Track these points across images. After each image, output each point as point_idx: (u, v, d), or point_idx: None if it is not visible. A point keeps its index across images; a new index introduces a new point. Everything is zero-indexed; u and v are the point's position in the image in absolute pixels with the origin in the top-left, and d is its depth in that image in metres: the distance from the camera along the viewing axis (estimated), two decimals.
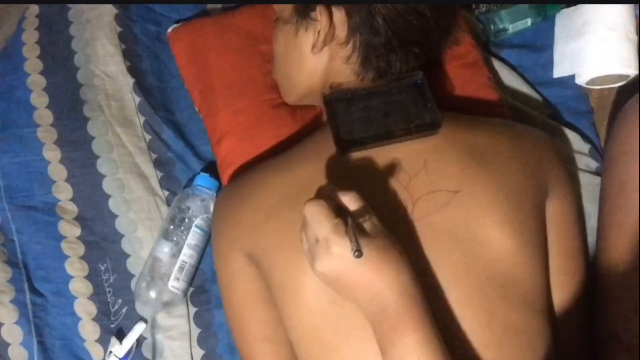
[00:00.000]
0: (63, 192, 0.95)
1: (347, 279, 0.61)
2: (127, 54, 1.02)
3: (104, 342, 0.89)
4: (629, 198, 0.80)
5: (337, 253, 0.59)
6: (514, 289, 0.70)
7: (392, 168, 0.72)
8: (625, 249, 0.79)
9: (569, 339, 0.78)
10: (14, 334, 0.88)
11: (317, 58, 0.80)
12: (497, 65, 1.03)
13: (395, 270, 0.62)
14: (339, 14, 0.76)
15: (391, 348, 0.61)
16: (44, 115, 0.98)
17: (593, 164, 0.96)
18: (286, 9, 0.81)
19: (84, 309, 0.90)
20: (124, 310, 0.90)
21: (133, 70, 1.01)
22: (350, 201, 0.63)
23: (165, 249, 0.89)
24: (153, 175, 0.96)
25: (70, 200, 0.94)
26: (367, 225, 0.62)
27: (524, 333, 0.69)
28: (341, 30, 0.76)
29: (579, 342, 0.80)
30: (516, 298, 0.70)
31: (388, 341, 0.62)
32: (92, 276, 0.91)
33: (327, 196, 0.63)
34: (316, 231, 0.61)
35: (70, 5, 1.05)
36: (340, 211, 0.62)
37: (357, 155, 0.74)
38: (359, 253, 0.58)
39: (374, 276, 0.61)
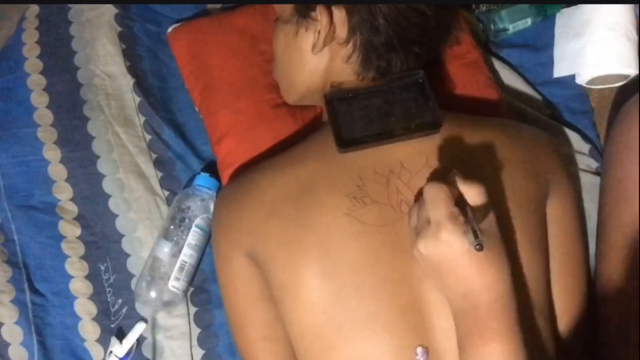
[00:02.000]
0: (63, 192, 0.95)
1: (447, 267, 0.61)
2: (127, 54, 1.02)
3: (104, 342, 0.88)
4: (628, 198, 0.80)
5: (445, 239, 0.59)
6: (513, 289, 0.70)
7: (393, 166, 0.72)
8: (624, 249, 0.79)
9: (569, 339, 0.78)
10: (14, 334, 0.88)
11: (317, 58, 0.80)
12: (497, 65, 1.03)
13: (497, 274, 0.61)
14: (339, 14, 0.76)
15: (472, 350, 0.61)
16: (44, 115, 0.98)
17: (593, 164, 0.96)
18: (286, 9, 0.81)
19: (84, 308, 0.90)
20: (124, 310, 0.90)
21: (133, 70, 1.01)
22: (473, 194, 0.62)
23: (165, 249, 0.89)
24: (153, 175, 0.96)
25: (71, 200, 0.94)
26: (484, 223, 0.62)
27: (524, 332, 0.69)
28: (341, 30, 0.76)
29: (580, 342, 0.80)
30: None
31: (470, 342, 0.61)
32: (92, 276, 0.91)
33: (451, 182, 0.63)
34: (430, 212, 0.60)
35: (70, 5, 1.05)
36: (459, 201, 0.62)
37: (358, 154, 0.74)
38: (480, 247, 0.57)
39: (476, 273, 0.60)
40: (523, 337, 0.61)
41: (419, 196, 0.70)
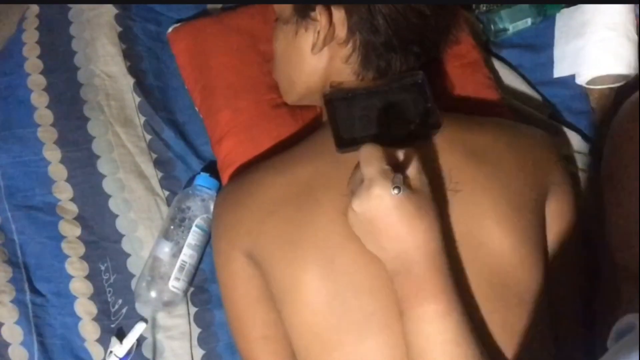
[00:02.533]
0: (63, 192, 0.95)
1: (379, 224, 0.62)
2: (127, 54, 1.02)
3: (104, 342, 0.88)
4: (628, 199, 0.80)
5: (376, 194, 0.60)
6: (513, 288, 0.70)
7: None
8: (623, 248, 0.79)
9: (568, 337, 0.78)
10: (14, 334, 0.88)
11: (317, 58, 0.80)
12: (497, 65, 1.03)
13: (428, 233, 0.62)
14: (338, 14, 0.76)
15: (410, 312, 0.62)
16: (44, 115, 0.98)
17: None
18: (286, 9, 0.81)
19: (84, 308, 0.90)
20: (124, 310, 0.90)
21: (133, 70, 1.01)
22: (409, 157, 0.64)
23: (165, 249, 0.89)
24: (153, 175, 0.96)
25: (71, 200, 0.94)
26: (416, 182, 0.63)
27: (523, 332, 0.69)
28: (341, 30, 0.76)
29: (579, 342, 0.80)
30: (514, 297, 0.70)
31: (407, 305, 0.62)
32: (93, 276, 0.91)
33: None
34: (364, 170, 0.62)
35: (70, 5, 1.05)
36: (395, 163, 0.63)
37: (357, 154, 0.74)
38: (397, 190, 0.59)
39: (405, 230, 0.61)
40: (458, 298, 0.62)
41: None
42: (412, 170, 0.64)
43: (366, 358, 0.68)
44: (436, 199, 0.66)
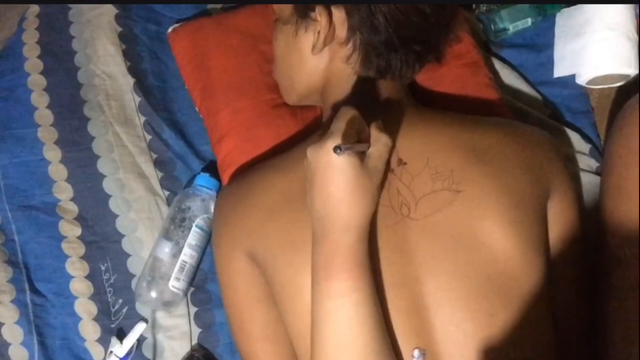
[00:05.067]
0: (63, 192, 0.95)
1: (317, 178, 0.64)
2: (127, 54, 1.02)
3: (104, 342, 0.89)
4: (628, 199, 0.80)
5: (327, 147, 0.62)
6: (514, 290, 0.70)
7: (394, 167, 0.72)
8: (624, 249, 0.79)
9: (570, 339, 0.78)
10: (14, 334, 0.88)
11: (317, 58, 0.80)
12: (498, 65, 1.02)
13: (354, 209, 0.63)
14: (338, 14, 0.76)
15: (317, 284, 0.64)
16: (44, 115, 0.98)
17: (594, 164, 0.96)
18: (286, 10, 0.81)
19: (85, 308, 0.90)
20: (124, 310, 0.90)
21: (133, 70, 1.01)
22: (380, 140, 0.66)
23: (165, 249, 0.89)
24: (153, 175, 0.96)
25: (71, 200, 0.94)
26: (371, 163, 0.65)
27: (525, 333, 0.69)
28: (341, 30, 0.76)
29: (580, 342, 0.80)
30: (517, 298, 0.69)
31: (316, 276, 0.64)
32: (93, 276, 0.91)
33: (366, 123, 0.66)
34: (332, 124, 0.64)
35: (70, 5, 1.05)
36: (365, 138, 0.66)
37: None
38: (339, 150, 0.60)
39: (336, 196, 0.63)
40: (367, 280, 0.63)
41: (418, 197, 0.71)
42: (376, 152, 0.66)
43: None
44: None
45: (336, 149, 0.60)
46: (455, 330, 0.67)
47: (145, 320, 0.89)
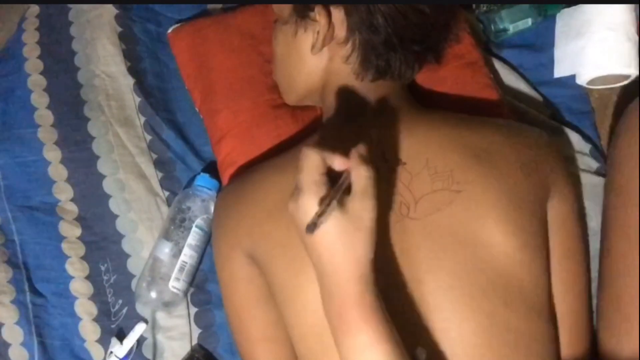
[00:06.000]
0: (63, 193, 0.95)
1: (304, 239, 0.60)
2: (127, 54, 1.02)
3: (104, 342, 0.89)
4: (631, 202, 0.80)
5: (302, 206, 0.58)
6: (514, 290, 0.70)
7: (394, 167, 0.72)
8: (627, 252, 0.79)
9: (571, 340, 0.78)
10: (14, 335, 0.88)
11: (316, 58, 0.80)
12: (498, 65, 1.02)
13: (349, 260, 0.58)
14: (338, 14, 0.76)
15: (338, 340, 0.59)
16: (44, 116, 0.98)
17: (594, 164, 0.96)
18: (285, 9, 0.81)
19: (85, 309, 0.90)
20: (124, 311, 0.90)
21: (133, 71, 1.01)
22: (360, 176, 0.59)
23: (165, 249, 0.89)
24: (153, 175, 0.96)
25: (71, 200, 0.95)
26: (354, 204, 0.59)
27: (525, 334, 0.69)
28: (340, 30, 0.76)
29: (581, 343, 0.80)
30: (517, 299, 0.69)
31: (335, 331, 0.60)
32: (93, 276, 0.91)
33: (334, 151, 0.60)
34: (298, 175, 0.59)
35: (70, 6, 1.05)
36: (336, 174, 0.59)
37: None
38: (311, 228, 0.55)
39: (327, 253, 0.58)
40: (386, 324, 0.59)
41: (418, 197, 0.70)
42: (358, 189, 0.59)
43: None
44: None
45: (309, 228, 0.55)
46: (455, 330, 0.67)
47: (145, 321, 0.89)
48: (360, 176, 0.60)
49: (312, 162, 0.59)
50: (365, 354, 0.58)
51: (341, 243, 0.58)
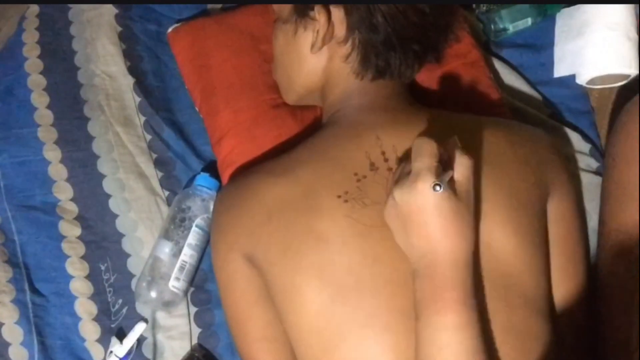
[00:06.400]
0: (63, 192, 0.95)
1: (414, 219, 0.62)
2: (127, 54, 1.02)
3: (104, 342, 0.88)
4: (629, 200, 0.80)
5: (420, 188, 0.60)
6: (515, 289, 0.70)
7: (393, 167, 0.72)
8: (626, 250, 0.79)
9: (570, 340, 0.78)
10: (14, 334, 0.88)
11: (316, 57, 0.80)
12: (498, 64, 1.03)
13: (458, 240, 0.62)
14: (337, 13, 0.76)
15: (427, 318, 0.62)
16: (44, 115, 0.98)
17: (594, 164, 0.96)
18: (285, 9, 0.81)
19: (85, 308, 0.90)
20: (124, 310, 0.90)
21: (133, 70, 1.01)
22: (462, 163, 0.64)
23: (165, 249, 0.89)
24: (153, 175, 0.96)
25: (71, 200, 0.94)
26: (461, 189, 0.63)
27: (525, 333, 0.69)
28: (340, 29, 0.77)
29: (581, 342, 0.80)
30: (517, 298, 0.69)
31: (425, 309, 0.62)
32: (93, 276, 0.91)
33: (444, 145, 0.64)
34: (414, 162, 0.62)
35: (70, 5, 1.05)
36: (446, 164, 0.63)
37: (357, 156, 0.74)
38: (439, 187, 0.59)
39: (440, 233, 0.61)
40: (477, 312, 0.62)
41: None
42: (461, 176, 0.63)
43: (367, 359, 0.67)
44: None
45: (435, 186, 0.59)
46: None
47: (145, 320, 0.89)
48: (463, 165, 0.64)
49: (429, 150, 0.62)
50: (457, 333, 0.60)
51: (452, 223, 0.61)
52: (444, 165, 0.63)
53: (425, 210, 0.61)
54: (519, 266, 0.70)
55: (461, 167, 0.64)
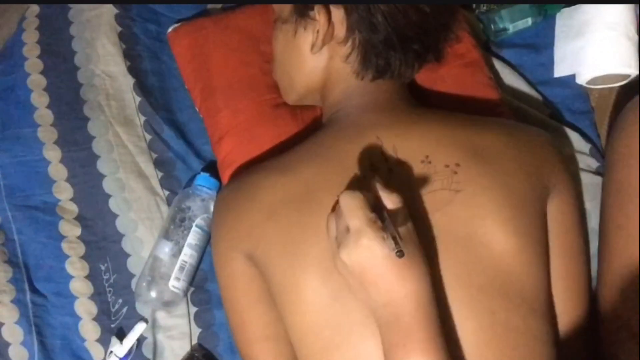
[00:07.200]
0: (63, 192, 0.95)
1: (369, 275, 0.61)
2: (127, 54, 1.02)
3: (104, 341, 0.88)
4: (629, 201, 0.80)
5: (366, 245, 0.59)
6: (514, 289, 0.70)
7: (393, 166, 0.72)
8: (625, 252, 0.79)
9: (570, 339, 0.78)
10: (14, 334, 0.88)
11: (316, 57, 0.80)
12: (498, 64, 1.03)
13: (418, 282, 0.61)
14: (337, 13, 0.76)
15: None
16: (44, 115, 0.98)
17: (594, 164, 0.96)
18: (285, 9, 0.81)
19: (85, 308, 0.90)
20: (124, 310, 0.90)
21: (133, 70, 1.01)
22: (391, 201, 0.63)
23: (165, 249, 0.89)
24: (153, 175, 0.96)
25: (71, 200, 0.94)
26: (401, 230, 0.62)
27: (525, 333, 0.69)
28: (340, 29, 0.77)
29: (581, 342, 0.80)
30: (517, 298, 0.69)
31: (394, 355, 0.61)
32: (93, 276, 0.91)
33: (366, 189, 0.63)
34: (349, 221, 0.60)
35: (70, 5, 1.05)
36: (376, 206, 0.62)
37: (357, 154, 0.74)
38: (400, 253, 0.57)
39: (396, 281, 0.60)
40: (445, 349, 0.61)
41: (417, 196, 0.70)
42: (399, 217, 0.62)
43: (368, 358, 0.67)
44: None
45: (397, 253, 0.58)
46: (455, 329, 0.67)
47: (145, 320, 0.89)
48: (394, 204, 0.63)
49: (359, 204, 0.61)
50: None
51: (408, 267, 0.60)
52: (377, 207, 0.62)
53: (377, 265, 0.60)
54: (518, 266, 0.70)
55: (393, 205, 0.63)
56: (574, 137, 0.98)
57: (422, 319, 0.61)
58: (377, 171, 0.72)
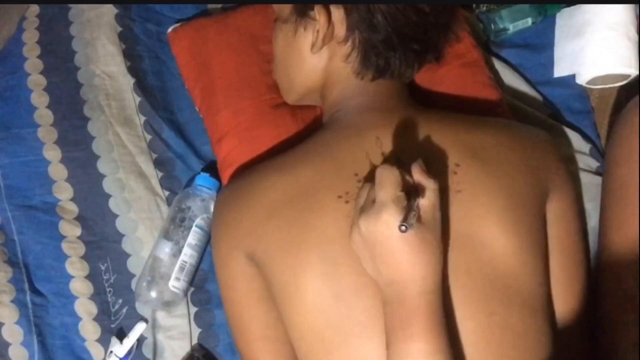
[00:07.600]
0: (63, 192, 0.95)
1: (382, 250, 0.61)
2: (127, 54, 1.02)
3: (104, 341, 0.88)
4: (629, 201, 0.80)
5: (385, 219, 0.60)
6: (514, 289, 0.70)
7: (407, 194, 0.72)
8: (626, 252, 0.79)
9: (570, 339, 0.78)
10: (14, 334, 0.88)
11: (316, 57, 0.80)
12: (498, 64, 1.03)
13: (427, 269, 0.61)
14: (337, 13, 0.76)
15: (395, 345, 0.62)
16: (44, 115, 0.98)
17: (594, 164, 0.96)
18: (285, 9, 0.81)
19: (85, 308, 0.90)
20: (124, 310, 0.90)
21: (133, 70, 1.01)
22: (428, 188, 0.63)
23: (165, 249, 0.89)
24: (153, 175, 0.96)
25: (71, 200, 0.94)
26: (427, 216, 0.62)
27: (524, 333, 0.69)
28: (340, 29, 0.77)
29: (580, 342, 0.80)
30: (516, 298, 0.69)
31: (394, 336, 0.62)
32: (93, 276, 0.91)
33: (407, 169, 0.64)
34: (378, 192, 0.61)
35: (70, 5, 1.05)
36: (410, 188, 0.62)
37: (357, 154, 0.74)
38: (405, 227, 0.58)
39: (406, 261, 0.61)
40: (446, 338, 0.62)
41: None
42: (427, 203, 0.62)
43: (368, 359, 0.67)
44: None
45: (401, 227, 0.58)
46: (454, 329, 0.67)
47: (145, 320, 0.89)
48: (429, 190, 0.63)
49: (392, 179, 0.62)
50: None
51: (418, 252, 0.61)
52: (410, 191, 0.62)
53: (392, 241, 0.60)
54: (518, 266, 0.70)
55: (427, 192, 0.63)
56: (574, 137, 0.98)
57: (424, 305, 0.61)
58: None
